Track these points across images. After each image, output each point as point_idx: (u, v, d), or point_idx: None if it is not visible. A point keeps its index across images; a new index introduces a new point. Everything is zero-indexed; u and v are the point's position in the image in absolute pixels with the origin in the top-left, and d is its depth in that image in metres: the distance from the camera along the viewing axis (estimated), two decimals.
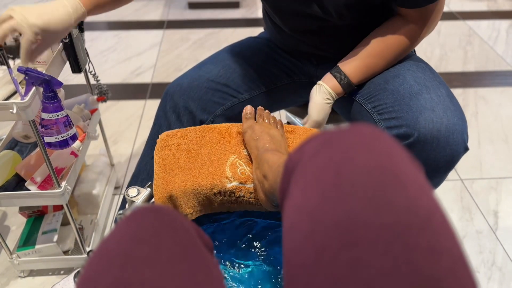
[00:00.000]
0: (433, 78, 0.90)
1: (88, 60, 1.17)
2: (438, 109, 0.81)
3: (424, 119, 0.80)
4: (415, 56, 1.02)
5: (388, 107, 0.87)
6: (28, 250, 1.17)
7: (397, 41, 0.91)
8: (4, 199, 1.03)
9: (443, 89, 0.86)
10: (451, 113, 0.81)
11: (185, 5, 3.08)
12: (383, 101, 0.88)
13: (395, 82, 0.89)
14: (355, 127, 0.40)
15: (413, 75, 0.89)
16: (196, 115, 0.98)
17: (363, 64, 0.92)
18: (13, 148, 1.15)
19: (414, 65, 0.93)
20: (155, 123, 1.03)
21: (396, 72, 0.92)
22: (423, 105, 0.82)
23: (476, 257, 1.30)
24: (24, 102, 0.84)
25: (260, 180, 0.71)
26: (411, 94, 0.85)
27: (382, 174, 0.36)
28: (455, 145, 0.80)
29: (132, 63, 2.37)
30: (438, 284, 0.31)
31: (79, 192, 1.31)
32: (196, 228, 0.50)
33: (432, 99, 0.83)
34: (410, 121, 0.81)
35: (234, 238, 0.82)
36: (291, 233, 0.38)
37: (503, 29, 2.74)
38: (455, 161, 0.82)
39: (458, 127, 0.80)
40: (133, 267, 0.39)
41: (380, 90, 0.90)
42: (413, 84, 0.87)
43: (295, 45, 1.07)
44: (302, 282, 0.35)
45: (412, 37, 0.91)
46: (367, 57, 0.92)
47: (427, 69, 0.93)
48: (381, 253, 0.32)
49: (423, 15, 0.88)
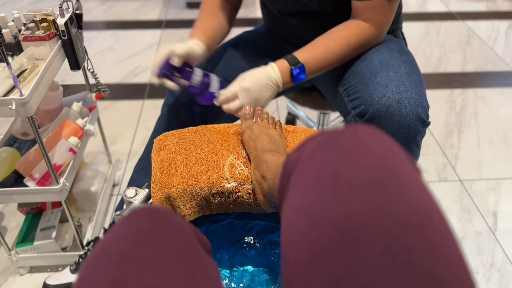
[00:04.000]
0: (398, 57, 0.92)
1: (87, 58, 1.17)
2: (391, 85, 0.84)
3: (378, 96, 0.84)
4: (393, 37, 1.06)
5: (353, 87, 0.91)
6: (27, 247, 1.17)
7: (351, 38, 0.93)
8: (2, 195, 1.03)
9: (403, 67, 0.89)
10: (405, 88, 0.84)
11: (183, 4, 3.07)
12: (350, 83, 0.93)
13: (362, 64, 0.93)
14: (353, 127, 0.40)
15: (379, 56, 0.92)
16: (194, 110, 1.04)
17: (316, 56, 0.92)
18: (11, 145, 1.15)
19: (384, 47, 0.96)
20: (159, 116, 1.11)
21: (366, 55, 0.95)
22: (378, 82, 0.86)
23: (475, 258, 1.31)
24: (23, 98, 0.84)
25: (258, 180, 0.71)
26: (372, 73, 0.89)
27: (380, 173, 0.36)
28: (408, 117, 0.82)
29: (130, 63, 2.37)
30: (437, 284, 0.31)
31: (78, 190, 1.31)
32: (193, 229, 0.50)
33: (389, 76, 0.86)
34: (367, 98, 0.85)
35: (232, 239, 0.82)
36: (290, 234, 0.38)
37: (502, 30, 2.74)
38: (414, 134, 0.84)
39: (411, 100, 0.83)
40: (130, 268, 0.38)
41: (350, 72, 0.95)
42: (376, 64, 0.90)
43: (284, 29, 1.10)
44: (301, 283, 0.35)
45: (365, 35, 0.93)
46: (323, 52, 0.93)
47: (397, 49, 0.96)
48: (380, 254, 0.32)
49: (375, 10, 0.90)
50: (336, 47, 0.92)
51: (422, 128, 0.84)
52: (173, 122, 1.07)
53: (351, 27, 0.92)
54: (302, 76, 0.90)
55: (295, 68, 0.89)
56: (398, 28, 1.11)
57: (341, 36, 0.92)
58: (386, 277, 0.31)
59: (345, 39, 0.92)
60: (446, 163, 1.67)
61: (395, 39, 1.04)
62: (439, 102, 2.04)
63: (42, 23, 1.00)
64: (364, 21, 0.92)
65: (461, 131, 1.85)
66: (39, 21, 1.01)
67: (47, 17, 1.02)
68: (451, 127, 1.88)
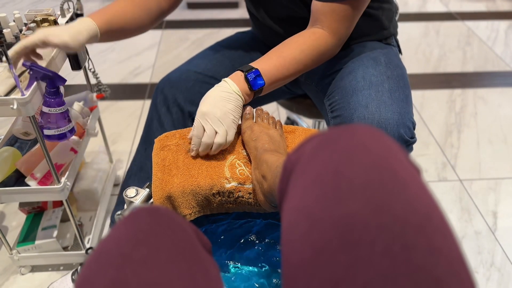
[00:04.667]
0: (383, 72, 0.89)
1: (88, 58, 1.17)
2: (371, 105, 0.82)
3: (357, 116, 0.82)
4: (388, 46, 1.02)
5: (336, 104, 0.89)
6: (28, 246, 1.17)
7: (305, 45, 0.87)
8: (4, 195, 1.03)
9: (386, 84, 0.87)
10: (385, 108, 0.82)
11: (184, 5, 3.07)
12: (335, 99, 0.91)
13: (347, 79, 0.91)
14: (353, 127, 0.40)
15: (364, 71, 0.90)
16: (184, 107, 1.01)
17: (271, 62, 0.86)
18: (13, 144, 1.15)
19: (371, 60, 0.93)
20: (148, 117, 1.06)
21: (352, 68, 0.93)
22: (359, 101, 0.84)
23: (475, 257, 1.31)
24: (25, 98, 0.84)
25: (259, 180, 0.71)
26: (354, 90, 0.86)
27: (380, 174, 0.36)
28: None
29: (131, 63, 2.37)
30: (437, 283, 0.31)
31: (79, 189, 1.31)
32: (194, 229, 0.50)
33: (370, 95, 0.84)
34: (347, 117, 0.83)
35: (233, 238, 0.82)
36: (290, 234, 0.38)
37: (502, 30, 2.74)
38: None
39: (392, 121, 0.81)
40: (131, 268, 0.39)
41: (336, 87, 0.92)
42: (359, 81, 0.88)
43: (270, 35, 1.07)
44: (301, 283, 0.35)
45: (321, 41, 0.87)
46: (278, 58, 0.87)
47: (384, 62, 0.92)
48: (380, 253, 0.32)
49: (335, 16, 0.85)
50: (290, 53, 0.86)
51: (406, 147, 0.82)
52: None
53: (306, 34, 0.88)
54: (260, 81, 0.82)
55: (249, 73, 0.81)
56: (392, 35, 1.07)
57: (295, 43, 0.87)
58: (386, 277, 0.31)
59: (299, 45, 0.86)
60: (446, 163, 1.67)
61: (387, 48, 1.00)
62: (439, 102, 2.05)
63: (43, 23, 1.01)
64: (321, 28, 0.87)
65: (460, 131, 1.85)
66: (40, 21, 1.01)
67: (48, 17, 1.02)
68: (450, 127, 1.88)
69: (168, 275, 0.39)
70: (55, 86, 0.90)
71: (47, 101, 0.91)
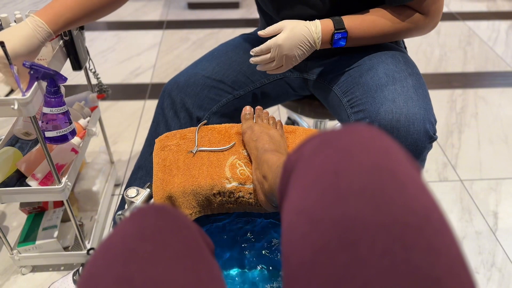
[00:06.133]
0: (404, 69, 0.90)
1: (88, 58, 1.17)
2: (399, 100, 0.82)
3: (385, 110, 0.81)
4: (399, 47, 1.03)
5: (358, 100, 0.89)
6: (29, 246, 1.17)
7: (400, 23, 0.91)
8: (5, 195, 1.03)
9: (410, 80, 0.87)
10: (412, 103, 0.82)
11: (185, 5, 3.07)
12: (355, 95, 0.90)
13: (367, 75, 0.91)
14: (353, 127, 0.40)
15: (385, 68, 0.90)
16: (192, 112, 0.99)
17: (361, 27, 0.91)
18: (14, 145, 1.15)
19: (389, 58, 0.94)
20: (154, 120, 1.04)
21: (371, 65, 0.93)
22: (385, 96, 0.83)
23: (476, 258, 1.31)
24: (25, 98, 0.84)
25: (259, 180, 0.71)
26: (378, 86, 0.86)
27: (380, 173, 0.36)
28: (416, 134, 0.80)
29: (132, 63, 2.37)
30: (437, 283, 0.31)
31: (79, 189, 1.31)
32: (198, 229, 0.50)
33: (396, 90, 0.84)
34: (373, 112, 0.83)
35: (233, 238, 0.82)
36: (290, 234, 0.38)
37: (503, 30, 2.74)
38: (421, 150, 0.83)
39: (419, 116, 0.81)
40: (136, 263, 0.39)
41: (355, 83, 0.92)
42: (382, 77, 0.88)
43: None
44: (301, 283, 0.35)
45: (415, 22, 0.91)
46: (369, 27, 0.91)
47: (402, 61, 0.93)
48: (380, 253, 0.32)
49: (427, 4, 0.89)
50: (382, 25, 0.90)
51: (429, 144, 0.83)
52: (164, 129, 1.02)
53: (404, 13, 0.90)
54: (342, 43, 0.89)
55: (337, 33, 0.87)
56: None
57: (390, 18, 0.90)
58: (385, 277, 0.31)
59: (395, 22, 0.90)
60: (447, 163, 1.67)
61: (400, 49, 1.01)
62: (440, 102, 2.05)
63: None
64: (418, 10, 0.90)
65: (461, 131, 1.85)
66: None
67: None
68: (451, 127, 1.88)
69: (173, 271, 0.39)
70: (56, 85, 0.90)
71: (48, 101, 0.91)
